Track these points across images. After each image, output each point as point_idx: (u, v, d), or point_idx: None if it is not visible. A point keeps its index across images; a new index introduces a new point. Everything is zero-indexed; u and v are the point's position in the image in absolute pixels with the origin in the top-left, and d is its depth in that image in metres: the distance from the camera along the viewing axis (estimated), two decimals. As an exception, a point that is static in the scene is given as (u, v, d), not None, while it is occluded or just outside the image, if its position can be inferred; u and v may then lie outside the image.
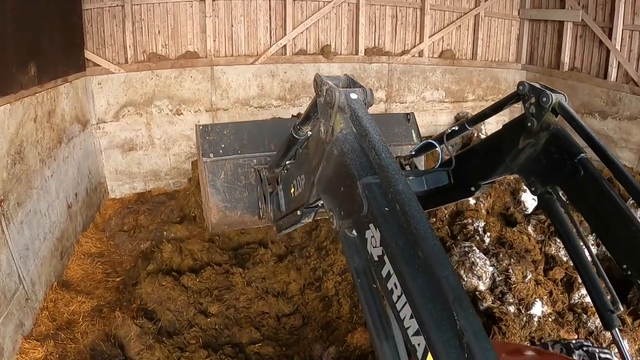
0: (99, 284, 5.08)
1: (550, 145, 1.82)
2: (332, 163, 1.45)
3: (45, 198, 4.94)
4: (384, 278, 1.13)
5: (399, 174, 1.17)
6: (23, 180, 4.43)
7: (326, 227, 4.67)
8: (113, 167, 7.00)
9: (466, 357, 0.89)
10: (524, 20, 8.74)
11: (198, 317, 3.88)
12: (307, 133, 1.94)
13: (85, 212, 6.13)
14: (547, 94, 1.74)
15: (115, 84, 6.70)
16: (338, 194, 1.43)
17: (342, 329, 3.83)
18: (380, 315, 1.27)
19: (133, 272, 4.75)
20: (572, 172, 1.75)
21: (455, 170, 2.11)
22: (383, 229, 1.15)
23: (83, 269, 5.38)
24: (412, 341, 1.02)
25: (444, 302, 0.94)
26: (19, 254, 4.24)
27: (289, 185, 2.20)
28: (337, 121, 1.42)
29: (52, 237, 5.05)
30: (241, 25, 7.12)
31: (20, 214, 4.33)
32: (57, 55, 5.55)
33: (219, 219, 3.03)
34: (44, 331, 4.32)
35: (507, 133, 2.01)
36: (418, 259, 1.04)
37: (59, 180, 5.34)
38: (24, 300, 4.29)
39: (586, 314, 4.32)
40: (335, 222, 1.45)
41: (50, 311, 4.56)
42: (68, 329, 4.31)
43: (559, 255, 4.75)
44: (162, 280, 4.11)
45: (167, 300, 4.00)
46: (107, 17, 6.58)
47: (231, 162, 3.00)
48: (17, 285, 4.18)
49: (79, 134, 6.18)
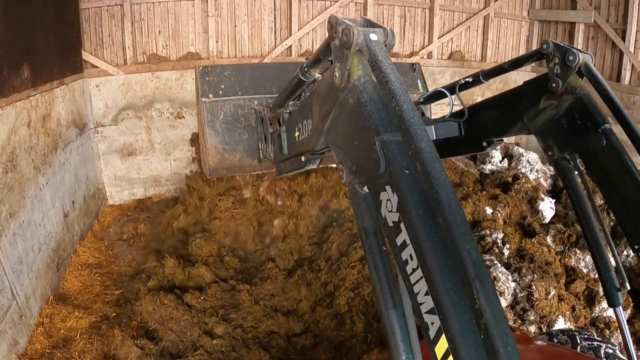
0: (97, 297, 4.83)
1: (574, 110, 1.75)
2: (346, 113, 1.35)
3: (40, 207, 4.69)
4: (397, 246, 1.06)
5: (422, 130, 1.05)
6: (16, 189, 4.18)
7: (337, 240, 4.43)
8: (112, 172, 6.74)
9: (482, 339, 0.83)
10: (534, 21, 8.54)
11: (203, 339, 3.62)
12: (315, 76, 1.85)
13: (82, 221, 5.88)
14: (574, 52, 1.65)
15: (113, 87, 6.44)
16: (351, 147, 1.33)
17: (357, 349, 3.58)
18: (388, 280, 1.21)
19: (132, 286, 4.50)
20: (594, 142, 1.69)
21: (467, 123, 2.04)
22: (402, 193, 1.06)
23: (80, 281, 5.12)
24: (425, 319, 0.97)
25: (464, 279, 0.88)
26: (12, 268, 3.99)
27: (294, 128, 2.08)
28: (355, 65, 1.30)
29: (48, 248, 4.79)
30: (245, 25, 6.88)
31: (13, 225, 4.08)
32: (52, 56, 5.29)
33: (217, 162, 2.94)
34: (40, 349, 4.07)
35: (527, 90, 1.92)
36: (438, 230, 0.96)
37: (54, 188, 5.08)
38: (17, 317, 4.03)
39: (609, 330, 4.10)
40: (344, 177, 1.36)
41: (45, 327, 4.31)
42: (64, 347, 4.06)
43: (579, 267, 4.53)
44: (163, 299, 3.85)
45: (170, 320, 3.74)
46: (105, 16, 6.32)
47: (231, 103, 2.91)
48: (10, 302, 3.93)
49: (76, 139, 5.92)
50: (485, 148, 2.14)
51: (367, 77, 1.29)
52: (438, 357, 0.92)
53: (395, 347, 1.13)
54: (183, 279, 4.26)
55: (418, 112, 1.14)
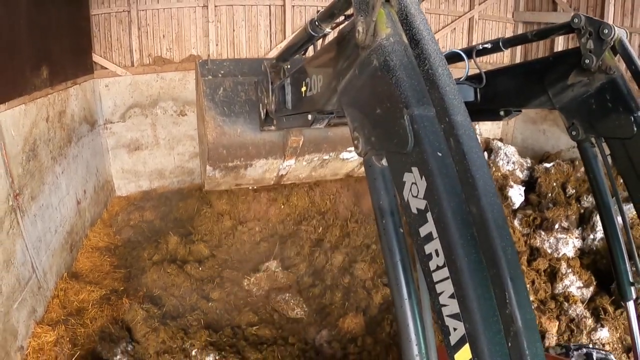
0: (106, 275, 5.35)
1: (606, 92, 1.63)
2: (369, 75, 1.16)
3: (57, 193, 5.23)
4: (421, 237, 0.94)
5: (459, 101, 0.96)
6: (36, 176, 4.72)
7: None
8: (119, 166, 7.29)
9: (510, 347, 0.77)
10: (518, 22, 8.95)
11: (200, 302, 4.14)
12: (326, 31, 1.69)
13: (93, 209, 6.42)
14: (610, 25, 1.55)
15: (121, 86, 7.00)
16: (371, 115, 1.15)
17: (335, 314, 4.07)
18: (404, 266, 1.07)
19: (139, 263, 5.02)
20: (624, 128, 1.57)
21: (484, 89, 1.88)
22: (432, 180, 0.92)
23: (91, 262, 5.65)
24: (447, 322, 0.86)
25: (496, 279, 0.80)
26: (33, 245, 4.52)
27: (301, 82, 1.87)
28: (382, 20, 1.11)
29: (63, 230, 5.33)
30: (242, 29, 7.41)
31: (34, 207, 4.62)
32: (66, 58, 5.85)
33: (217, 136, 2.81)
34: (55, 317, 4.59)
35: (556, 63, 1.78)
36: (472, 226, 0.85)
37: (69, 177, 5.62)
38: (36, 288, 4.56)
39: (568, 302, 4.54)
40: (360, 146, 1.20)
41: (60, 299, 4.84)
42: (78, 316, 4.58)
43: (544, 248, 4.97)
44: (167, 268, 4.38)
45: (172, 287, 4.27)
46: (114, 22, 6.89)
47: (230, 79, 2.85)
48: (30, 274, 4.46)
49: (88, 134, 6.47)
50: (502, 118, 2.04)
51: (397, 36, 1.09)
52: None
53: (407, 340, 1.02)
54: (185, 254, 4.78)
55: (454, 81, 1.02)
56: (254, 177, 3.46)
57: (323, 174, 3.89)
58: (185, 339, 3.69)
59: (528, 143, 8.88)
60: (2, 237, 3.97)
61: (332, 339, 3.82)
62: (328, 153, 3.50)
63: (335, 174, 3.98)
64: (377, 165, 1.15)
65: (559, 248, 4.86)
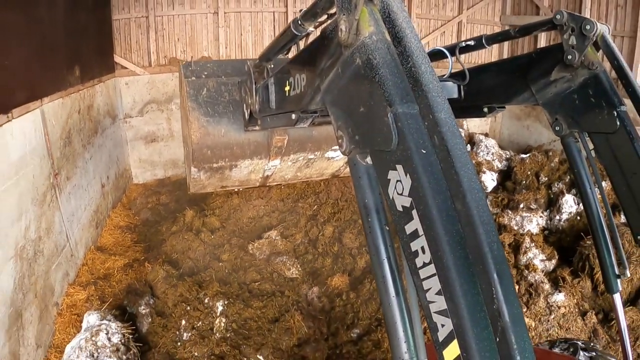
0: (128, 248, 6.11)
1: (589, 87, 1.65)
2: (352, 74, 1.18)
3: (85, 177, 6.00)
4: (407, 235, 0.95)
5: (442, 98, 0.97)
6: (70, 160, 5.49)
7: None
8: (137, 156, 8.07)
9: (498, 342, 0.78)
10: (505, 25, 9.58)
11: (212, 263, 4.86)
12: (309, 30, 1.70)
13: (114, 193, 7.19)
14: (592, 21, 1.57)
15: (140, 84, 7.78)
16: (354, 114, 1.17)
17: (325, 275, 4.78)
18: (391, 264, 1.08)
19: (157, 237, 5.77)
20: (607, 123, 1.59)
21: (468, 86, 1.86)
22: (417, 178, 0.93)
23: (114, 238, 6.41)
24: (434, 319, 0.88)
25: (483, 275, 0.81)
26: (67, 218, 5.28)
27: (284, 81, 1.88)
28: (365, 19, 1.12)
29: (90, 209, 6.10)
30: (249, 34, 8.17)
31: (68, 186, 5.38)
32: (93, 59, 6.64)
33: (201, 137, 2.79)
34: (85, 281, 5.34)
35: (539, 59, 1.81)
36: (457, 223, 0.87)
37: (95, 163, 6.40)
38: (69, 255, 5.32)
39: (528, 270, 5.19)
40: (344, 144, 1.21)
41: (89, 267, 5.59)
42: (105, 279, 5.33)
43: (510, 225, 5.63)
44: (184, 235, 5.13)
45: (188, 251, 5.01)
46: (133, 26, 7.68)
47: (214, 80, 2.84)
48: (65, 243, 5.22)
49: (110, 126, 7.25)
50: (486, 114, 2.04)
51: (379, 34, 1.10)
52: None
53: (395, 338, 1.02)
54: (199, 225, 5.53)
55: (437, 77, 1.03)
56: (239, 178, 3.46)
57: (309, 174, 3.87)
58: (199, 290, 4.41)
59: (513, 138, 9.52)
60: (44, 208, 4.72)
61: (321, 295, 4.52)
62: (313, 152, 3.50)
63: (321, 174, 3.97)
64: (361, 164, 1.16)
65: (524, 225, 5.52)
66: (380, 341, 4.05)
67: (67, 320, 4.69)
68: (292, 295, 4.34)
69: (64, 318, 4.72)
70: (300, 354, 3.96)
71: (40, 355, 4.27)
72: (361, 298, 4.40)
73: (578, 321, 4.96)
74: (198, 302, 4.22)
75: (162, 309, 4.50)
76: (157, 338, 4.20)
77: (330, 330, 4.28)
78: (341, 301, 4.46)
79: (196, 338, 3.97)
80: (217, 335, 3.95)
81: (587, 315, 5.03)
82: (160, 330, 4.22)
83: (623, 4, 7.81)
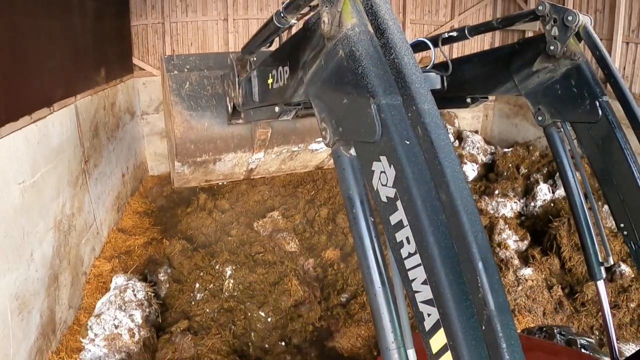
0: (146, 230, 6.83)
1: (571, 77, 1.67)
2: (335, 66, 1.19)
3: (109, 165, 6.74)
4: (392, 225, 0.96)
5: (425, 89, 0.98)
6: (97, 149, 6.23)
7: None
8: (153, 150, 8.80)
9: (484, 330, 0.79)
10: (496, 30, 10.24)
11: (223, 237, 5.56)
12: (291, 22, 1.71)
13: (132, 182, 7.93)
14: (574, 12, 1.59)
15: (156, 84, 8.46)
16: (338, 106, 1.20)
17: (319, 249, 5.47)
18: (376, 255, 1.09)
19: (173, 220, 6.49)
20: (589, 113, 1.61)
21: (451, 77, 1.87)
22: (401, 168, 0.94)
23: (133, 221, 7.14)
24: (421, 308, 0.89)
25: (469, 265, 0.82)
26: (94, 200, 6.02)
27: (267, 74, 1.88)
28: (347, 11, 1.14)
29: (112, 194, 6.84)
30: (255, 38, 8.87)
31: (95, 172, 6.12)
32: (115, 61, 7.41)
33: (184, 131, 2.77)
34: (109, 255, 6.07)
35: (522, 50, 1.82)
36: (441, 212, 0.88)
37: (117, 154, 7.14)
38: (95, 233, 6.05)
39: (499, 247, 5.81)
40: (328, 136, 1.23)
41: (112, 244, 6.32)
42: (127, 254, 6.06)
43: (487, 209, 6.25)
44: (199, 214, 5.87)
45: (202, 227, 5.75)
46: (150, 32, 8.44)
47: (196, 74, 2.83)
48: (93, 221, 5.95)
49: (129, 122, 8.01)
50: (469, 105, 2.06)
51: (362, 26, 1.11)
52: (433, 350, 0.87)
53: (382, 328, 1.02)
54: (211, 207, 6.25)
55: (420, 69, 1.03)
56: (223, 171, 3.47)
57: (293, 166, 3.85)
58: (211, 259, 5.10)
59: (503, 135, 10.13)
60: (77, 189, 5.45)
61: (316, 265, 5.20)
62: (297, 145, 3.49)
63: (305, 166, 3.97)
64: (345, 155, 1.16)
65: (499, 209, 6.14)
66: (365, 304, 4.69)
67: (94, 287, 5.41)
68: (290, 265, 5.01)
69: (92, 285, 5.43)
70: (296, 313, 4.63)
71: (71, 314, 4.98)
72: (350, 268, 5.06)
73: (544, 293, 5.55)
74: (210, 269, 4.92)
75: (178, 277, 5.20)
76: (173, 300, 4.89)
77: (323, 295, 4.94)
78: (333, 271, 5.13)
79: (208, 297, 4.66)
80: (226, 294, 4.64)
81: (554, 288, 5.62)
82: (177, 294, 4.92)
83: (601, 9, 8.40)
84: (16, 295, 3.82)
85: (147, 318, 4.25)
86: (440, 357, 0.85)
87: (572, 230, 5.96)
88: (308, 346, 4.41)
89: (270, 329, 4.46)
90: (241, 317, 4.42)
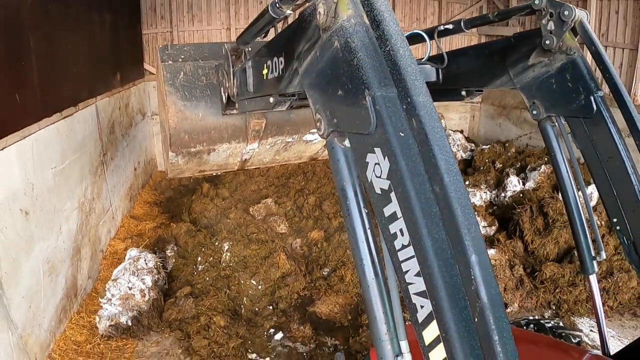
0: (156, 217, 7.65)
1: (566, 72, 1.67)
2: (330, 57, 1.18)
3: (123, 159, 7.57)
4: (385, 217, 0.97)
5: (420, 81, 0.99)
6: (113, 144, 7.07)
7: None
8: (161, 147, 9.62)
9: (477, 322, 0.80)
10: (482, 35, 10.90)
11: (222, 219, 6.32)
12: (287, 13, 1.69)
13: (142, 176, 8.77)
14: (570, 7, 1.59)
15: (165, 87, 9.36)
16: (332, 97, 1.18)
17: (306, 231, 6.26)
18: (369, 246, 1.08)
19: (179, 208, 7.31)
20: (584, 108, 1.62)
21: (446, 70, 1.88)
22: (395, 160, 0.94)
23: (144, 210, 7.96)
24: (413, 300, 0.90)
25: (462, 258, 0.83)
26: (110, 188, 6.85)
27: (262, 65, 1.89)
28: (343, 2, 1.12)
29: (126, 185, 7.67)
30: (256, 44, 9.68)
31: (112, 165, 6.95)
32: (129, 66, 8.26)
33: (178, 121, 2.77)
34: (123, 237, 6.88)
35: (517, 43, 1.83)
36: (435, 205, 0.88)
37: (130, 150, 7.98)
38: (111, 217, 6.87)
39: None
40: (323, 127, 1.22)
41: (125, 228, 7.14)
42: (138, 236, 6.87)
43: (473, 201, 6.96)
44: (202, 200, 6.67)
45: (205, 211, 6.55)
46: (159, 39, 9.30)
47: (191, 63, 2.82)
48: (109, 207, 6.78)
49: (140, 122, 8.85)
50: (463, 98, 2.07)
51: (358, 18, 1.10)
52: (426, 342, 0.88)
53: (375, 319, 1.03)
54: (213, 194, 7.06)
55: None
56: (217, 162, 3.48)
57: (287, 157, 3.88)
58: (212, 237, 5.88)
59: (489, 135, 10.83)
60: (96, 178, 6.28)
61: (302, 245, 5.95)
62: (291, 135, 3.51)
63: (299, 157, 3.99)
64: (339, 147, 1.16)
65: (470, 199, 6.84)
66: (343, 276, 5.43)
67: (110, 262, 6.21)
68: (280, 243, 5.76)
69: (108, 261, 6.24)
70: (283, 283, 5.38)
71: (90, 284, 5.78)
72: (332, 246, 5.80)
73: (506, 271, 6.23)
74: (210, 244, 5.71)
75: (183, 254, 5.99)
76: (178, 273, 5.67)
77: (308, 269, 5.69)
78: (317, 249, 5.87)
79: (208, 267, 5.44)
80: (223, 265, 5.41)
81: (515, 267, 6.30)
82: (182, 267, 5.70)
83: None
84: (47, 260, 4.62)
85: (156, 283, 5.02)
86: (433, 349, 0.87)
87: (534, 216, 6.66)
88: (292, 310, 5.15)
89: (260, 295, 5.21)
90: (235, 283, 5.19)
